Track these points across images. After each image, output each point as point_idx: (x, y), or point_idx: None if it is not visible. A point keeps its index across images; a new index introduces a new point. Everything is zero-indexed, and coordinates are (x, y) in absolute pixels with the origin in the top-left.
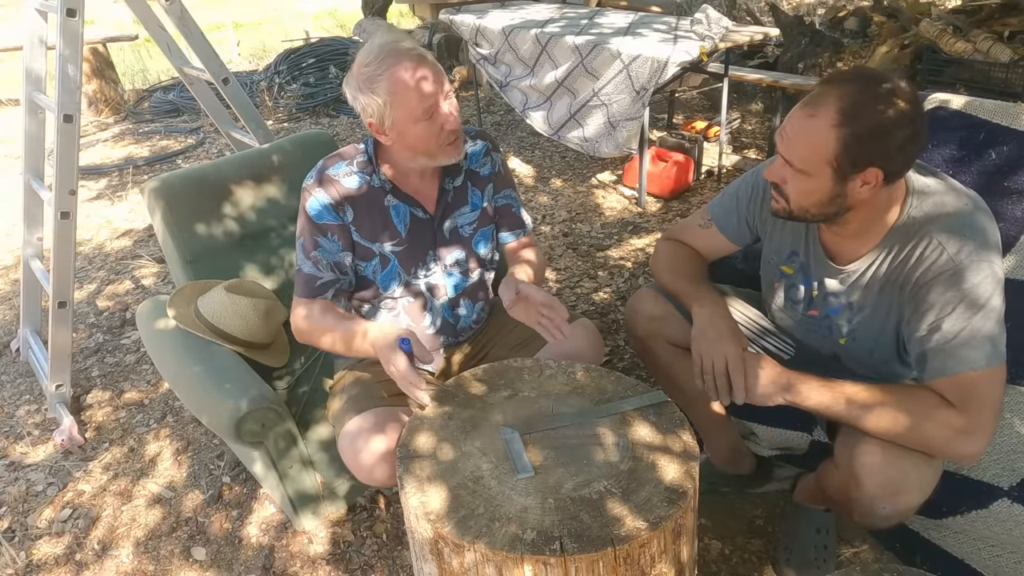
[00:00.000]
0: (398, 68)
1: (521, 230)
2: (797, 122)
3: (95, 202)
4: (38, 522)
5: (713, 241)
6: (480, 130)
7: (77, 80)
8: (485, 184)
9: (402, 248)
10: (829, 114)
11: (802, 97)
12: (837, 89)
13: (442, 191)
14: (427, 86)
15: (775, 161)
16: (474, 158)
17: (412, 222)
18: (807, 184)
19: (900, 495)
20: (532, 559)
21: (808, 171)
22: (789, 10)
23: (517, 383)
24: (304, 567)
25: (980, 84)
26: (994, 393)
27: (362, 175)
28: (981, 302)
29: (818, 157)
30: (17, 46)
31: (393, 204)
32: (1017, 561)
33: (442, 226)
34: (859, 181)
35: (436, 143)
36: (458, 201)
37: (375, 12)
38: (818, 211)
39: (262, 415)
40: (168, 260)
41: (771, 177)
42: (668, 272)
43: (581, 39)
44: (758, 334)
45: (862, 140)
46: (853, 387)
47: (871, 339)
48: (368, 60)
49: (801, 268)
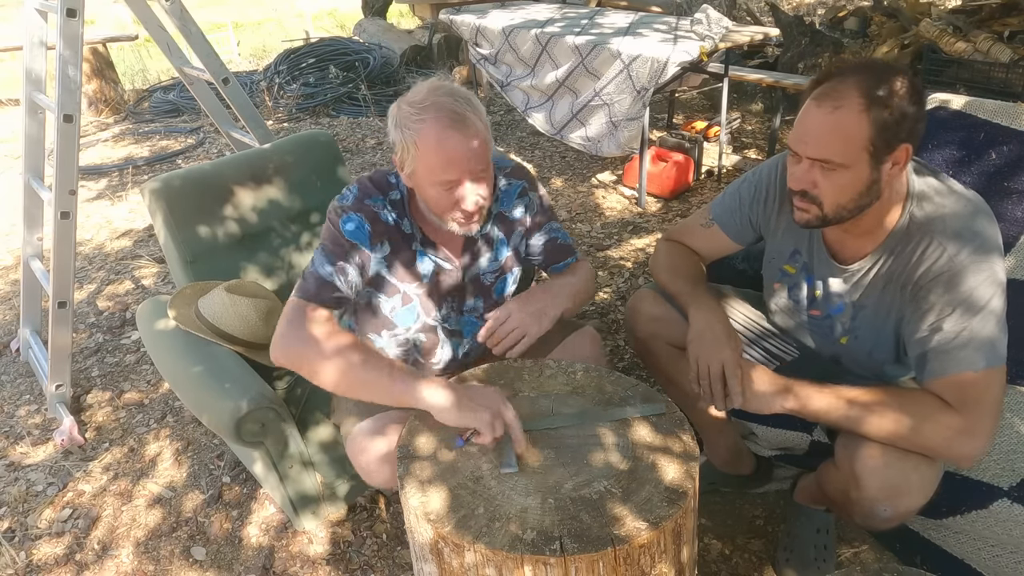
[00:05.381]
0: (436, 125)
1: (572, 257)
2: (822, 119)
3: (95, 202)
4: (38, 522)
5: (715, 240)
6: (516, 165)
7: (77, 80)
8: (514, 228)
9: (422, 291)
10: (854, 101)
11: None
12: (850, 78)
13: (467, 240)
14: (455, 161)
15: (796, 169)
16: (506, 200)
17: (436, 271)
18: (845, 178)
19: (901, 497)
20: (532, 559)
21: (847, 163)
22: (789, 10)
23: (517, 383)
24: (304, 567)
25: (980, 84)
26: (993, 394)
27: (395, 216)
28: (981, 304)
29: (855, 145)
30: (17, 46)
31: (420, 252)
32: (1017, 561)
33: (466, 275)
34: (890, 162)
35: (448, 212)
36: (484, 248)
37: (375, 12)
38: (854, 205)
39: (262, 415)
40: (168, 260)
41: (799, 185)
42: (666, 273)
43: (581, 39)
44: (758, 336)
45: (892, 117)
46: (852, 391)
47: (871, 339)
48: (416, 98)
49: (804, 268)
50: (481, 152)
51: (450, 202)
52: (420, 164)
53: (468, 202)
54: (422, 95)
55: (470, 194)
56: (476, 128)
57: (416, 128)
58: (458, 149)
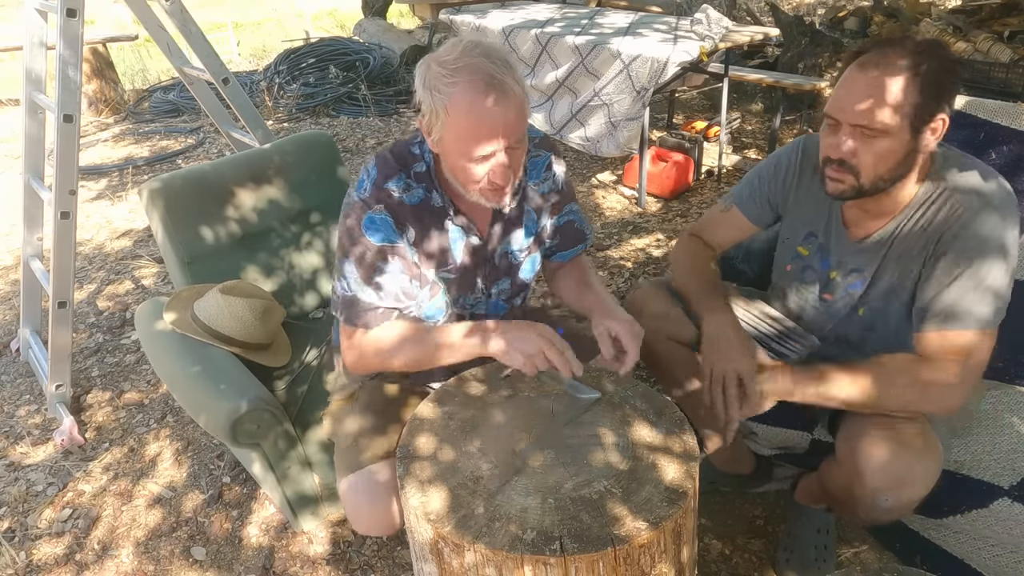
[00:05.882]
0: (470, 90)
1: (583, 243)
2: (865, 84)
3: (95, 202)
4: (38, 522)
5: (734, 224)
6: (544, 136)
7: (77, 80)
8: (544, 203)
9: (454, 276)
10: (900, 67)
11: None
12: (895, 47)
13: (496, 212)
14: (490, 131)
15: (834, 138)
16: (534, 171)
17: (466, 249)
18: (885, 145)
19: (904, 487)
20: (532, 559)
21: (887, 130)
22: (789, 10)
23: (517, 383)
24: (304, 567)
25: (980, 84)
26: (983, 354)
27: (423, 189)
28: (990, 273)
29: (897, 112)
30: (17, 46)
31: (452, 228)
32: (1017, 561)
33: (494, 252)
34: (928, 131)
35: (474, 184)
36: (511, 225)
37: (375, 12)
38: (891, 176)
39: (258, 416)
40: (167, 261)
41: (837, 153)
42: (684, 273)
43: (581, 39)
44: (765, 336)
45: (932, 87)
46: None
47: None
48: (449, 58)
49: (819, 249)
50: (518, 123)
51: (479, 173)
52: (449, 131)
53: (502, 173)
54: (455, 54)
55: (502, 167)
56: (514, 94)
57: (447, 92)
58: (493, 118)
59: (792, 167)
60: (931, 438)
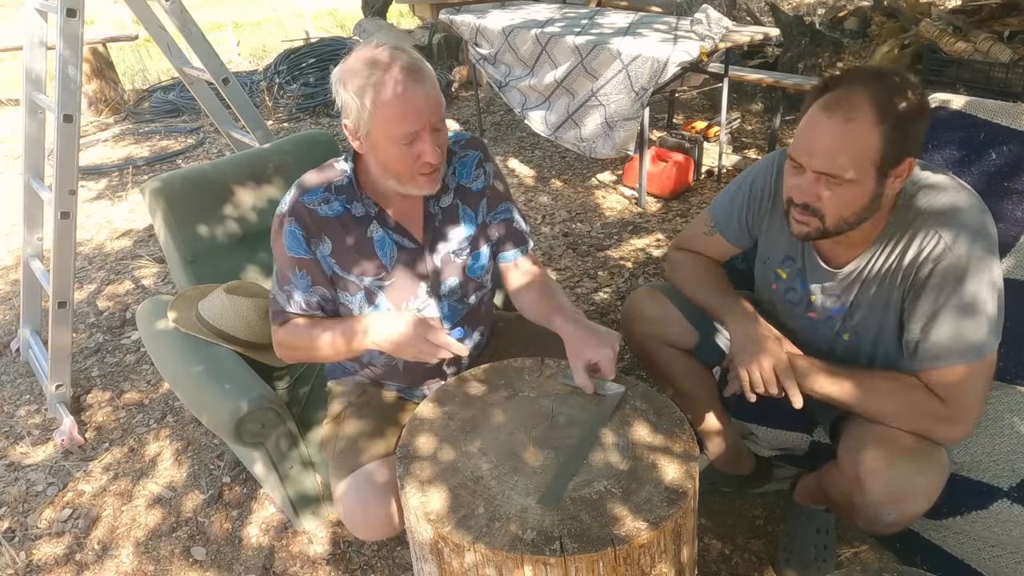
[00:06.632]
0: (389, 80)
1: (525, 245)
2: (832, 130)
3: (95, 202)
4: (38, 522)
5: (719, 247)
6: (471, 137)
7: (77, 80)
8: (478, 200)
9: (390, 282)
10: (867, 114)
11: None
12: (863, 89)
13: (428, 215)
14: (416, 111)
15: (800, 180)
16: (464, 171)
17: (399, 254)
18: (851, 192)
19: (906, 501)
20: (532, 559)
21: (856, 178)
22: (789, 10)
23: (517, 383)
24: (304, 567)
25: (980, 84)
26: (979, 386)
27: (342, 202)
28: (974, 297)
29: (864, 160)
30: (17, 46)
31: (378, 236)
32: (1017, 561)
33: (432, 254)
34: (894, 176)
35: (408, 170)
36: (447, 223)
37: (375, 12)
38: (856, 219)
39: (262, 416)
40: (168, 260)
41: (801, 198)
42: (694, 286)
43: (581, 39)
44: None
45: (900, 133)
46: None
47: (873, 334)
48: (363, 57)
49: (798, 273)
50: (438, 101)
51: (411, 157)
52: (378, 120)
53: (431, 152)
54: (368, 54)
55: (434, 142)
56: (431, 77)
57: (371, 83)
58: (416, 99)
59: (767, 190)
60: (935, 450)
